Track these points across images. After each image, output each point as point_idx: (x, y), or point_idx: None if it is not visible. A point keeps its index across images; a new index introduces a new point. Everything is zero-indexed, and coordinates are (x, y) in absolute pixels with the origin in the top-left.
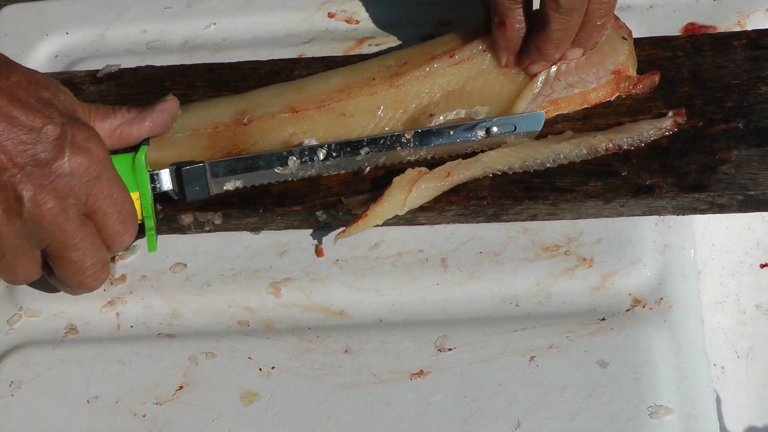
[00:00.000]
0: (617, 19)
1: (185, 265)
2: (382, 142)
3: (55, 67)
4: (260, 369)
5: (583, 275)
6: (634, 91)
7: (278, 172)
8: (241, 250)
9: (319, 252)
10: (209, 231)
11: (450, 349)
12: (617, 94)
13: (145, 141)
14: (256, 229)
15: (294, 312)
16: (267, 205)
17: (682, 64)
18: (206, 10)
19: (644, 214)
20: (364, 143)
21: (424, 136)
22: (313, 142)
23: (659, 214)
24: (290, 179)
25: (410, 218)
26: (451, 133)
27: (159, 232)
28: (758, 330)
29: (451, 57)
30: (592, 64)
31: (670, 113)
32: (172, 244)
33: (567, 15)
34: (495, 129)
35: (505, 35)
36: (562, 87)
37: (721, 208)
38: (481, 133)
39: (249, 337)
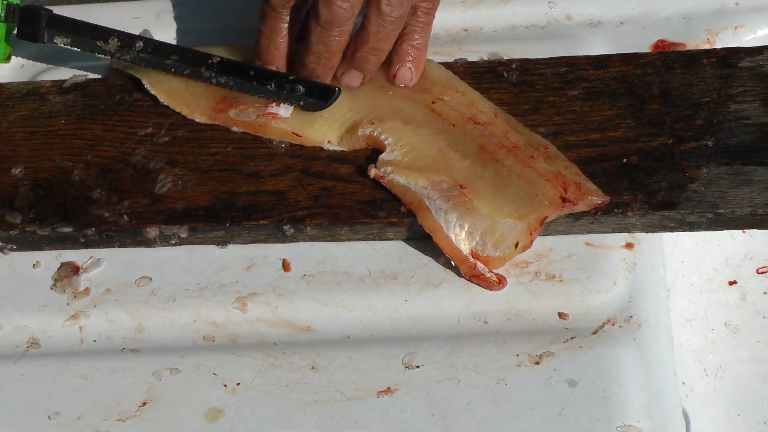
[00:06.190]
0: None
1: (150, 279)
2: (190, 57)
3: (21, 77)
4: (225, 385)
5: (552, 292)
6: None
7: (99, 45)
8: (207, 264)
9: (286, 266)
10: (175, 244)
11: (418, 367)
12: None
13: None
14: (222, 242)
15: (260, 327)
16: (234, 218)
17: (652, 81)
18: (175, 19)
19: (614, 231)
20: (174, 50)
21: (226, 66)
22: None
23: (629, 231)
24: (106, 57)
25: (378, 233)
26: (251, 73)
27: (124, 244)
28: (727, 348)
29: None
30: None
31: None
32: (137, 257)
33: (326, 29)
34: (288, 85)
35: (258, 42)
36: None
37: (691, 226)
38: (271, 86)
39: (214, 353)
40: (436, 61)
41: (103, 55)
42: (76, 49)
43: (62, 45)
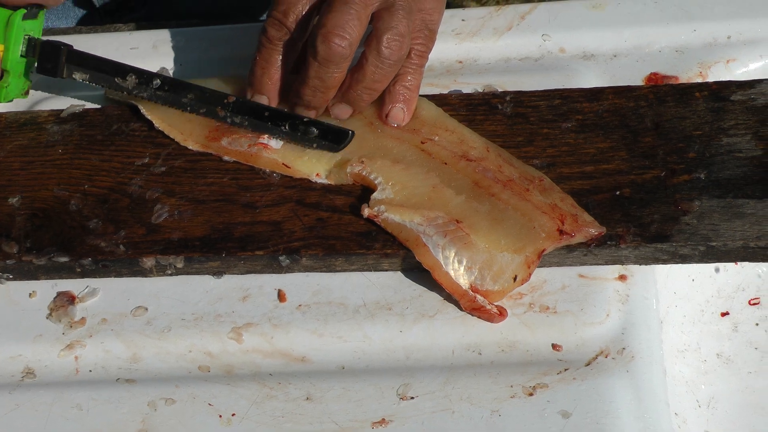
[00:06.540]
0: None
1: (146, 309)
2: (207, 95)
3: (19, 107)
4: (220, 416)
5: (545, 324)
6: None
7: (117, 81)
8: (203, 295)
9: (281, 297)
10: (171, 274)
11: (412, 398)
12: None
13: (39, 7)
14: (218, 273)
15: (255, 358)
16: (230, 249)
17: (645, 114)
18: (172, 50)
19: (607, 263)
20: (191, 89)
21: (242, 106)
22: (166, 73)
23: (622, 263)
24: (124, 92)
25: (374, 264)
26: (266, 114)
27: (120, 274)
28: (719, 379)
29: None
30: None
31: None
32: (133, 287)
33: (323, 65)
34: (302, 127)
35: (252, 71)
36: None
37: (683, 259)
38: (285, 128)
39: (209, 383)
40: (427, 97)
41: (121, 92)
42: (94, 84)
43: (81, 80)
